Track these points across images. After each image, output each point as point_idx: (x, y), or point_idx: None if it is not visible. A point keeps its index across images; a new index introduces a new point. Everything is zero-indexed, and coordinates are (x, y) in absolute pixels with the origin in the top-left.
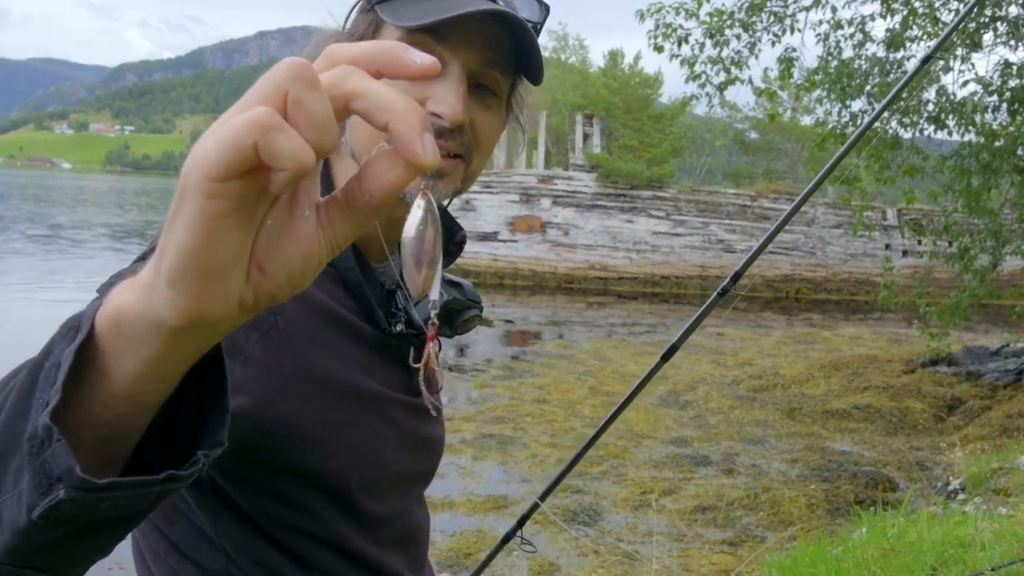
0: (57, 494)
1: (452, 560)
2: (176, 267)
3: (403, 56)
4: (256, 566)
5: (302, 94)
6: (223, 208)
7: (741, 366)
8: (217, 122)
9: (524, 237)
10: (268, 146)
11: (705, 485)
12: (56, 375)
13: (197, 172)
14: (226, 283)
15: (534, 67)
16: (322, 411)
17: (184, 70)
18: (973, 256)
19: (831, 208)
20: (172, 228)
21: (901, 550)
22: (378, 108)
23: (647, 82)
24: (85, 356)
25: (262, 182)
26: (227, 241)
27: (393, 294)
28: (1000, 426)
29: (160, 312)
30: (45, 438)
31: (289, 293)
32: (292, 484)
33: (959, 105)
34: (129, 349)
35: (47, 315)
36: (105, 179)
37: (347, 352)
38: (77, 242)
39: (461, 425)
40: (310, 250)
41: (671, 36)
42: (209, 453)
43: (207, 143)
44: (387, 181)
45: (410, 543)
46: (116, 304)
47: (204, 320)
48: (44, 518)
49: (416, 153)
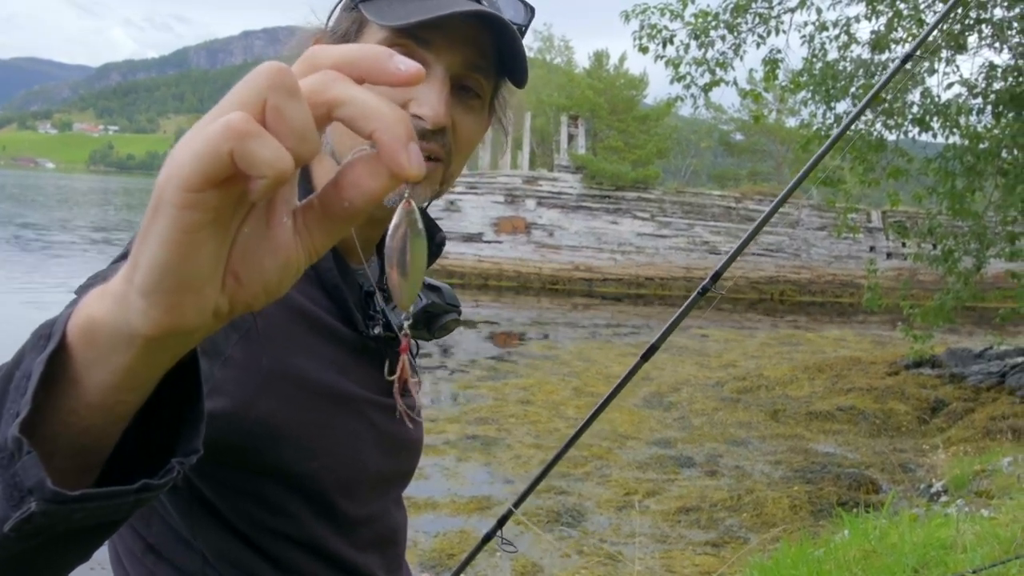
0: (29, 507)
1: (435, 560)
2: (150, 280)
3: (387, 63)
4: (232, 568)
5: (281, 101)
6: (199, 219)
7: (725, 368)
8: (191, 131)
9: (509, 238)
10: (245, 154)
11: (689, 486)
12: (27, 385)
13: (172, 182)
14: (201, 294)
15: (518, 70)
16: (300, 411)
17: (168, 70)
18: (957, 258)
19: (816, 210)
20: (146, 240)
21: (883, 552)
22: (363, 116)
23: (632, 83)
24: (56, 365)
25: (239, 191)
26: (202, 253)
27: (371, 296)
28: (983, 428)
29: (133, 323)
30: (15, 450)
31: (265, 301)
32: (269, 485)
33: (944, 107)
34: (101, 359)
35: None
36: (88, 179)
37: (324, 353)
38: (49, 243)
39: (445, 426)
40: (287, 258)
41: (656, 37)
42: (184, 461)
43: (181, 152)
44: (368, 189)
45: (387, 544)
46: (87, 313)
47: (178, 331)
48: (16, 531)
49: (401, 164)
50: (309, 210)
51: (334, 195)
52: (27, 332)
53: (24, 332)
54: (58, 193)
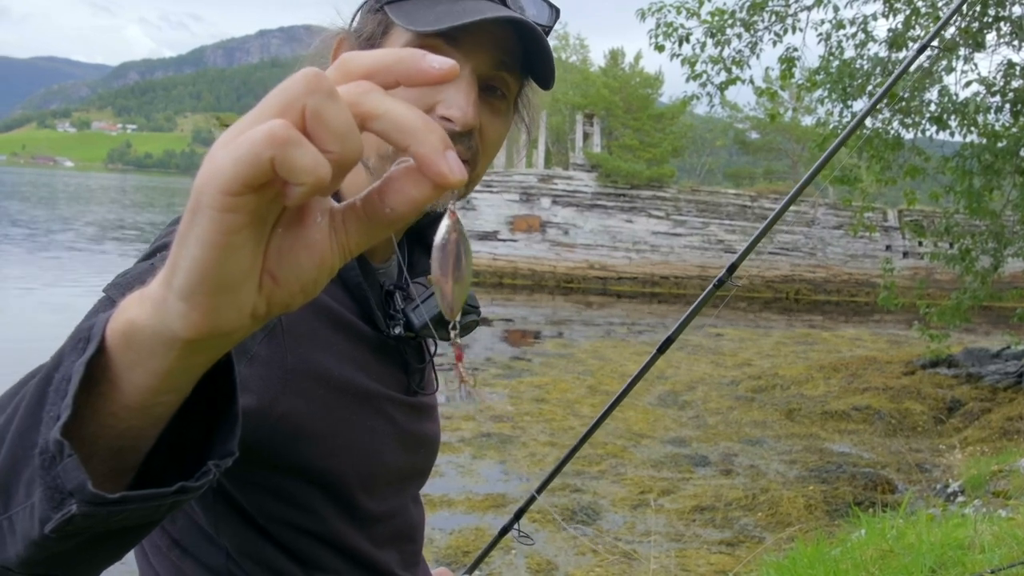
0: (69, 509)
1: (451, 558)
2: (189, 283)
3: (421, 63)
4: (255, 563)
5: (321, 105)
6: (237, 222)
7: (740, 366)
8: (228, 134)
9: (524, 236)
10: (285, 161)
11: (703, 485)
12: (67, 388)
13: (212, 186)
14: (239, 295)
15: (546, 72)
16: (322, 408)
17: (186, 68)
18: (974, 258)
19: (832, 209)
20: (185, 243)
21: (900, 552)
22: (398, 130)
23: (648, 81)
24: (96, 368)
25: (275, 194)
26: (240, 255)
27: (392, 295)
28: (1000, 428)
29: (172, 326)
30: (56, 453)
31: (302, 300)
32: (291, 481)
33: (961, 105)
34: (140, 362)
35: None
36: (102, 177)
37: (345, 350)
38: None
39: (460, 424)
40: (322, 257)
41: (672, 35)
42: (220, 463)
43: (221, 156)
44: (411, 197)
45: (405, 541)
46: (127, 317)
47: (217, 332)
48: (57, 531)
49: (443, 174)
50: (350, 212)
51: (378, 200)
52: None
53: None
54: (65, 191)
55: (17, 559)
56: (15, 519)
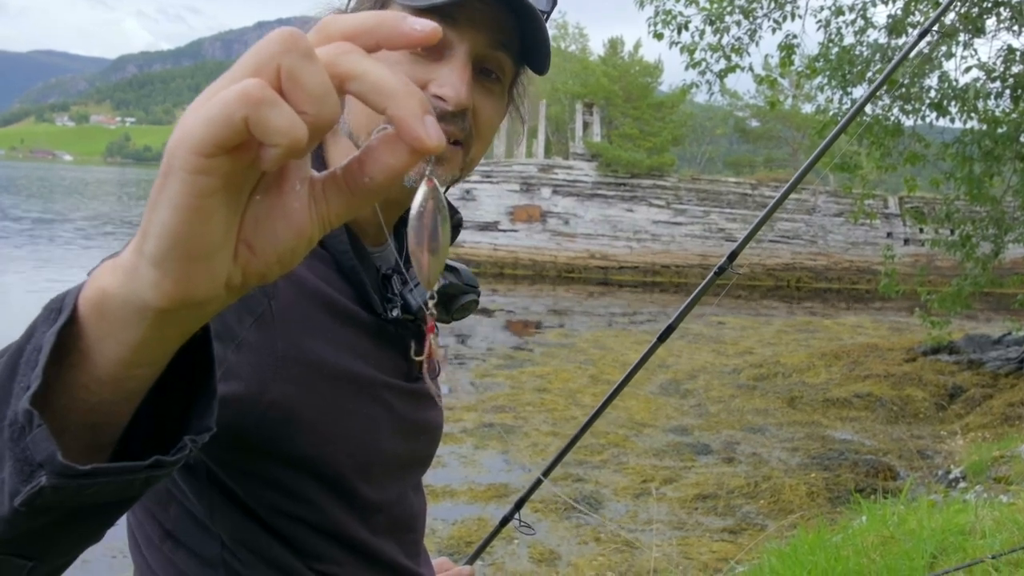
0: (39, 480)
1: (453, 548)
2: (160, 248)
3: (402, 25)
4: (250, 552)
5: (296, 65)
6: (210, 185)
7: (742, 355)
8: (203, 95)
9: (524, 226)
10: (260, 121)
11: (705, 473)
12: (37, 358)
13: (183, 147)
14: (213, 263)
15: (541, 56)
16: (316, 396)
17: (184, 61)
18: (975, 244)
19: (832, 196)
20: (156, 207)
21: (901, 538)
22: (376, 91)
23: (647, 70)
24: (68, 338)
25: (250, 158)
26: (214, 220)
27: (389, 279)
28: (1001, 415)
29: (144, 295)
30: (26, 423)
31: (279, 272)
32: (285, 470)
33: (961, 91)
34: (113, 332)
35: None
36: (100, 170)
37: (341, 337)
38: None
39: (462, 414)
40: (300, 227)
41: (671, 23)
42: (196, 439)
43: (193, 118)
44: (389, 165)
45: (405, 530)
46: (99, 286)
47: (190, 302)
48: (26, 505)
49: (419, 137)
50: (331, 181)
51: (357, 170)
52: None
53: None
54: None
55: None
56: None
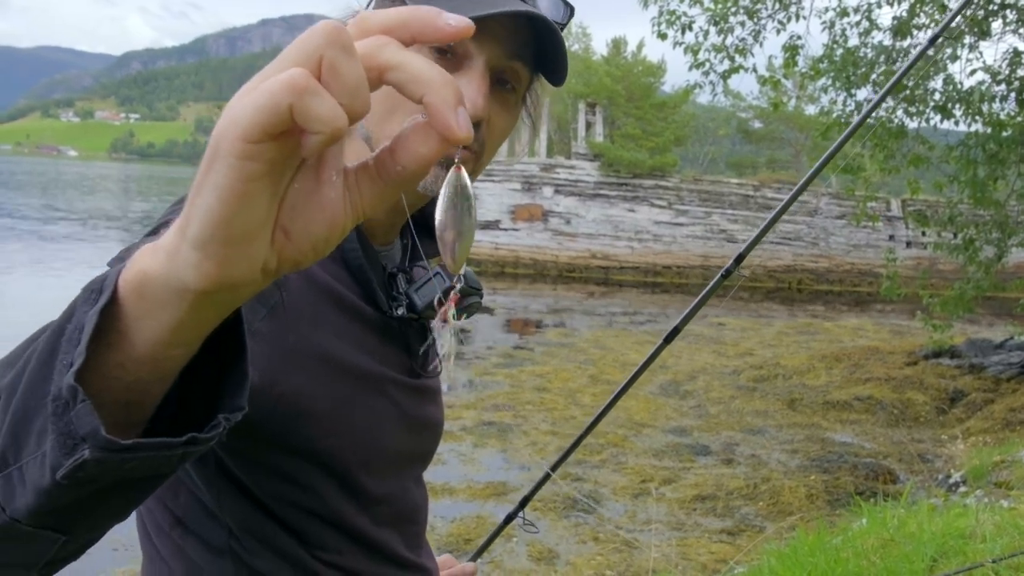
0: (82, 454)
1: (452, 545)
2: (204, 231)
3: (436, 20)
4: (257, 541)
5: (337, 58)
6: (255, 170)
7: (742, 356)
8: (249, 84)
9: (526, 226)
10: (304, 109)
11: (705, 474)
12: (79, 337)
13: (231, 133)
14: (252, 247)
15: (559, 69)
16: (324, 388)
17: (188, 58)
18: (978, 248)
19: (835, 198)
20: (201, 192)
21: (901, 541)
22: (414, 80)
23: (650, 70)
24: (108, 318)
25: (293, 145)
26: (256, 205)
27: (395, 277)
28: (1002, 419)
29: (185, 276)
30: (70, 399)
31: (312, 259)
32: (292, 460)
33: (966, 94)
34: (152, 313)
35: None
36: (103, 166)
37: (349, 331)
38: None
39: (461, 412)
40: (335, 216)
41: (675, 23)
42: (230, 416)
43: (241, 105)
44: (420, 154)
45: (407, 522)
46: (139, 268)
47: (228, 284)
48: (68, 478)
49: (450, 126)
50: (364, 171)
51: (388, 159)
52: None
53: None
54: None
55: (26, 509)
56: (25, 469)
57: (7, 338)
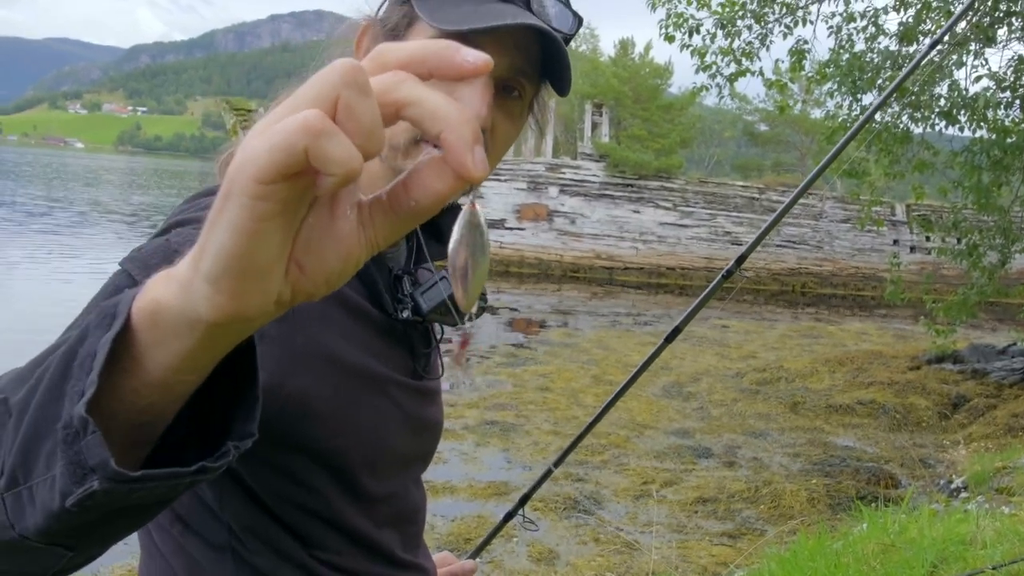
0: (91, 485)
1: (452, 544)
2: (217, 267)
3: (455, 57)
4: (257, 539)
5: (353, 99)
6: (268, 210)
7: (745, 359)
8: (263, 122)
9: (531, 225)
10: (319, 151)
11: (706, 477)
12: (92, 364)
13: (245, 174)
14: (266, 282)
15: (564, 80)
16: (330, 389)
17: (196, 52)
18: (982, 253)
19: (839, 202)
20: (215, 228)
21: (902, 546)
22: (431, 117)
23: (657, 72)
24: (120, 344)
25: (307, 183)
26: (269, 242)
27: (400, 280)
28: (1005, 425)
29: (198, 309)
30: (80, 429)
31: (326, 291)
32: (296, 460)
33: (971, 100)
34: (164, 341)
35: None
36: (114, 159)
37: (354, 333)
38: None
39: (464, 411)
40: (349, 249)
41: (682, 26)
42: (239, 444)
43: (256, 145)
44: (435, 189)
45: (406, 523)
46: (153, 296)
47: (241, 317)
48: (78, 506)
49: (466, 165)
50: (377, 205)
51: (402, 193)
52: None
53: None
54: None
55: (35, 529)
56: (35, 490)
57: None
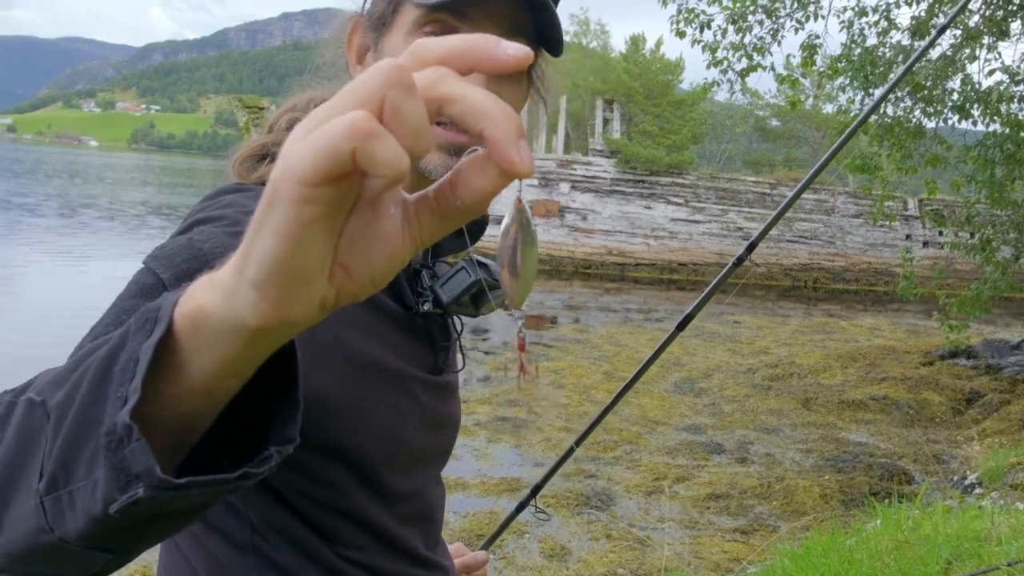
0: (136, 492)
1: (464, 540)
2: (261, 273)
3: (495, 50)
4: (280, 537)
5: (400, 99)
6: (314, 214)
7: (757, 354)
8: (305, 126)
9: (542, 221)
10: (367, 153)
11: (718, 473)
12: (134, 370)
13: (290, 178)
14: (310, 287)
15: (554, 40)
16: (350, 386)
17: (209, 50)
18: (995, 248)
19: (851, 197)
20: (259, 234)
21: (915, 543)
22: (473, 113)
23: (668, 67)
24: (162, 350)
25: (351, 185)
26: (315, 247)
27: (419, 273)
28: (1019, 421)
29: (243, 315)
30: (124, 436)
31: (371, 292)
32: (317, 457)
33: (984, 94)
34: (207, 347)
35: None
36: (128, 156)
37: (374, 328)
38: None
39: (476, 407)
40: (394, 248)
41: (693, 21)
42: (281, 449)
43: (300, 148)
44: (479, 188)
45: (427, 521)
46: (196, 302)
47: (286, 323)
48: (121, 512)
49: (512, 161)
50: (423, 203)
51: (448, 192)
52: None
53: None
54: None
55: (76, 534)
56: (75, 495)
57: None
